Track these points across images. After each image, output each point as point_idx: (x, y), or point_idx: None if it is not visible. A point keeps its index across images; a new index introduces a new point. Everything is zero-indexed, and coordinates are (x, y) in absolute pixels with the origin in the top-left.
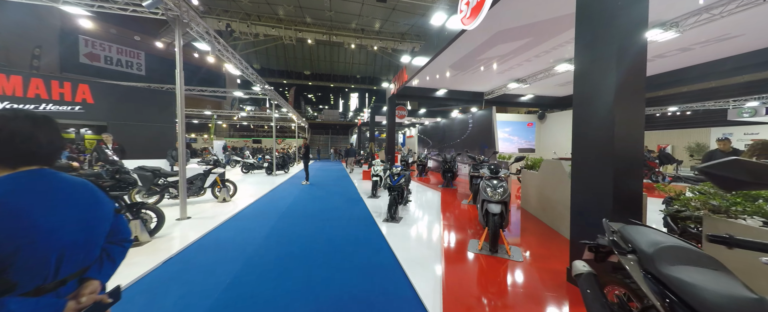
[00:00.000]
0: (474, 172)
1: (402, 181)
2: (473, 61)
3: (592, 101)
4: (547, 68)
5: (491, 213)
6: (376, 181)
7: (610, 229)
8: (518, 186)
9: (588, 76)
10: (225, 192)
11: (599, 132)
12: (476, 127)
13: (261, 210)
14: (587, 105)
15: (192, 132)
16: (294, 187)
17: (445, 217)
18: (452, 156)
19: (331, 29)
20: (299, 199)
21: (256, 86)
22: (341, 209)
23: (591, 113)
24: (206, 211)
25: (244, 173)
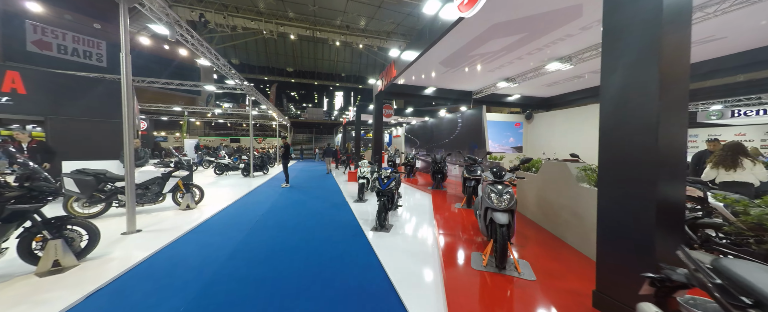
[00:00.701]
0: (468, 174)
1: (392, 185)
2: (465, 57)
3: (627, 97)
4: (537, 67)
5: (498, 224)
6: (362, 183)
7: (696, 264)
8: None
9: (622, 69)
10: (189, 198)
11: (639, 133)
12: (465, 127)
13: (231, 219)
14: (621, 102)
15: (162, 130)
16: (272, 191)
17: (439, 224)
18: (442, 156)
19: (315, 24)
20: (277, 205)
21: (230, 80)
22: (324, 216)
23: (627, 111)
24: (163, 222)
25: (217, 174)
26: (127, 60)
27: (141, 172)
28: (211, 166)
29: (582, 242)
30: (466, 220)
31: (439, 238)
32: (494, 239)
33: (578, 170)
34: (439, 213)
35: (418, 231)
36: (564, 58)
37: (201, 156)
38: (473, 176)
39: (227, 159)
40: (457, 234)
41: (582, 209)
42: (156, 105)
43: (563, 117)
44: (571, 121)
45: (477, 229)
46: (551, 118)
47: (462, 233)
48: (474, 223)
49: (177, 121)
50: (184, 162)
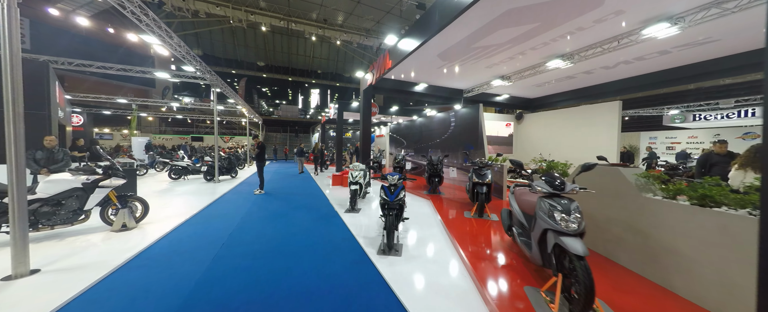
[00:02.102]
0: (479, 178)
1: (402, 195)
2: (466, 49)
3: None
4: (537, 64)
5: (574, 255)
6: (355, 190)
7: None
8: None
9: None
10: (125, 215)
11: None
12: (459, 126)
13: (185, 244)
14: None
15: (106, 126)
16: (243, 199)
17: (460, 243)
18: (439, 158)
19: (290, 15)
20: (250, 219)
21: (188, 66)
22: (313, 233)
23: None
24: (81, 253)
25: (172, 179)
26: (12, 12)
27: (50, 182)
28: (166, 170)
29: (645, 265)
30: (488, 234)
31: (468, 265)
32: (562, 273)
33: (639, 177)
34: (452, 226)
35: (437, 253)
36: (566, 56)
37: (153, 157)
38: (484, 181)
39: (186, 160)
40: (489, 257)
41: (646, 225)
42: (95, 96)
43: (553, 118)
44: (561, 122)
45: (513, 250)
46: (542, 118)
47: (493, 254)
48: (501, 239)
49: (125, 116)
50: (118, 167)
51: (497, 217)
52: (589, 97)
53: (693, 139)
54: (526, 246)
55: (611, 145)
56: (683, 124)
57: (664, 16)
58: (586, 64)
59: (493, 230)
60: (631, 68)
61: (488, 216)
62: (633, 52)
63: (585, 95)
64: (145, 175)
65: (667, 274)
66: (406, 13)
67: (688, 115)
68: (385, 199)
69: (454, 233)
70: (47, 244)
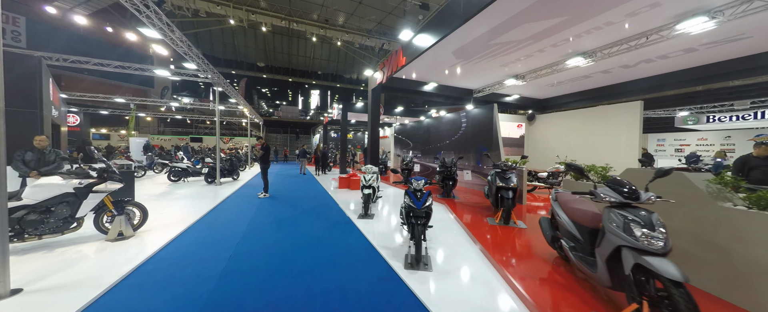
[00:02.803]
0: (503, 182)
1: (430, 203)
2: (483, 46)
3: None
4: (555, 62)
5: (668, 280)
6: (368, 194)
7: None
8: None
9: None
10: (121, 222)
11: None
12: (472, 127)
13: (188, 257)
14: None
15: (103, 126)
16: (247, 203)
17: (493, 254)
18: (453, 160)
19: (291, 15)
20: (257, 226)
21: (190, 63)
22: (328, 243)
23: None
24: (71, 268)
25: (172, 182)
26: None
27: (38, 187)
28: (165, 171)
29: (732, 288)
30: (523, 244)
31: (514, 284)
32: (646, 301)
33: (711, 183)
34: (479, 235)
35: (471, 268)
36: (588, 53)
37: (151, 158)
38: (510, 185)
39: (185, 162)
40: (533, 273)
41: (725, 239)
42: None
43: (568, 118)
44: (577, 123)
45: (559, 265)
46: (555, 119)
47: (537, 270)
48: (540, 251)
49: (123, 116)
50: (114, 170)
51: (524, 224)
52: (603, 98)
53: (703, 141)
54: (586, 263)
55: (631, 147)
56: (696, 126)
57: (701, 9)
58: (605, 63)
59: (526, 240)
60: (652, 67)
61: (515, 223)
62: (658, 50)
63: (599, 95)
64: (143, 176)
65: (755, 296)
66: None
67: (701, 116)
68: (411, 206)
69: (483, 243)
70: (33, 256)
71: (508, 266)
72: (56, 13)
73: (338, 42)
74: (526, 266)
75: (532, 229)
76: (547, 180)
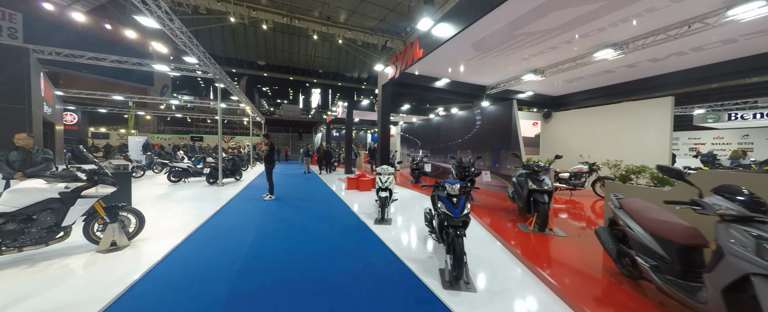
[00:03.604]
0: (536, 185)
1: (468, 210)
2: (506, 37)
3: None
4: (581, 55)
5: None
6: (385, 198)
7: None
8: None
9: None
10: (115, 231)
11: None
12: (487, 125)
13: (190, 273)
14: None
15: (102, 125)
16: (252, 207)
17: (544, 269)
18: (470, 160)
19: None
20: (266, 235)
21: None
22: (346, 254)
23: None
24: (54, 287)
25: (172, 182)
26: None
27: (17, 192)
28: (165, 171)
29: None
30: (570, 257)
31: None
32: None
33: None
34: (518, 245)
35: (522, 288)
36: (619, 45)
37: (151, 157)
38: (544, 188)
39: (186, 162)
40: (601, 298)
41: None
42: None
43: (588, 116)
44: (599, 120)
45: (624, 284)
46: (573, 116)
47: (606, 294)
48: (590, 263)
49: (122, 115)
50: (106, 171)
51: (563, 232)
52: (625, 94)
53: (718, 140)
54: (684, 290)
55: (662, 147)
56: (714, 124)
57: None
58: (634, 56)
59: (573, 251)
60: (684, 60)
61: (552, 230)
62: (695, 41)
63: (620, 91)
64: (142, 177)
65: None
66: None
67: (722, 114)
68: (447, 214)
69: (528, 257)
70: (10, 272)
71: (568, 287)
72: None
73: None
74: (587, 286)
75: (572, 237)
76: (570, 181)
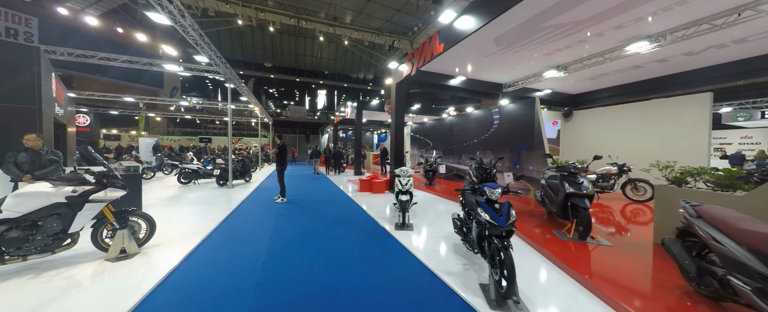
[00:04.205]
0: (574, 188)
1: (513, 218)
2: (533, 30)
3: None
4: (611, 49)
5: None
6: (405, 201)
7: None
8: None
9: None
10: (125, 237)
11: None
12: (506, 124)
13: (205, 286)
14: None
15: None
16: (265, 210)
17: (603, 287)
18: (492, 161)
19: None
20: (281, 241)
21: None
22: (372, 265)
23: None
24: (59, 301)
25: (182, 184)
26: None
27: (21, 196)
28: (175, 173)
29: None
30: (627, 272)
31: None
32: None
33: None
34: (561, 256)
35: (580, 308)
36: (655, 36)
37: (161, 159)
38: (584, 192)
39: (196, 163)
40: None
41: None
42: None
43: (609, 114)
44: (621, 119)
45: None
46: (595, 115)
47: (670, 308)
48: (652, 279)
49: (133, 117)
50: (116, 174)
51: (607, 240)
52: (652, 91)
53: (746, 139)
54: None
55: (700, 146)
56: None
57: None
58: (670, 49)
59: (627, 265)
60: (723, 54)
61: (594, 239)
62: (741, 32)
63: (647, 88)
64: (152, 178)
65: None
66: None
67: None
68: (491, 222)
69: (579, 270)
70: (13, 283)
71: (640, 310)
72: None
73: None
74: (659, 306)
75: (620, 247)
76: (597, 183)
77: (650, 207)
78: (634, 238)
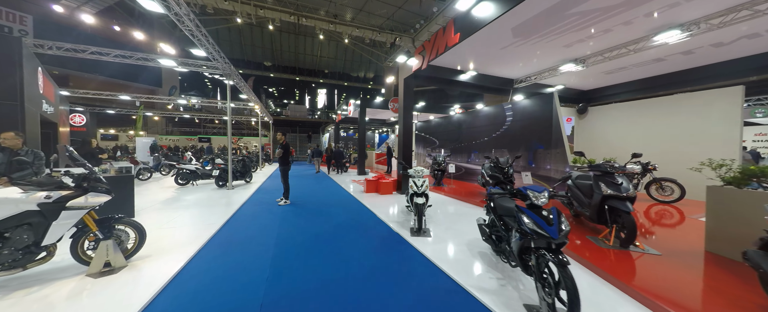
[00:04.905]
0: (612, 189)
1: (565, 227)
2: (557, 17)
3: None
4: (637, 39)
5: None
6: (421, 204)
7: None
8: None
9: None
10: (109, 249)
11: None
12: (521, 121)
13: (201, 307)
14: None
15: (112, 127)
16: (267, 213)
17: (654, 297)
18: (508, 160)
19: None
20: (287, 249)
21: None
22: (393, 280)
23: None
24: None
25: (180, 185)
26: None
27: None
28: (173, 174)
29: None
30: (682, 283)
31: None
32: None
33: None
34: (607, 267)
35: None
36: (686, 25)
37: (158, 159)
38: (622, 194)
39: (194, 164)
40: None
41: None
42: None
43: (627, 110)
44: (640, 115)
45: None
46: (610, 111)
47: None
48: (721, 295)
49: (130, 116)
50: (99, 176)
51: (654, 249)
52: (672, 85)
53: (761, 136)
54: None
55: (731, 142)
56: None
57: None
58: (697, 41)
59: (691, 278)
60: (756, 44)
61: (638, 247)
62: None
63: (667, 83)
64: (149, 179)
65: None
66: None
67: None
68: (540, 233)
69: (634, 285)
70: None
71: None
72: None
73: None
74: None
75: (672, 257)
76: None
77: (678, 208)
78: (680, 245)
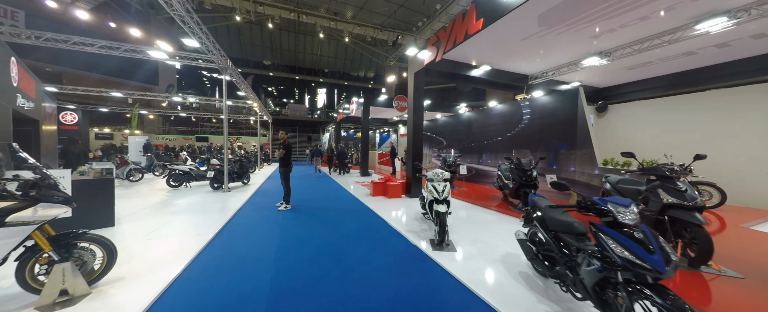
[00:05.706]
0: (674, 196)
1: (673, 257)
2: (589, 3)
3: None
4: (675, 28)
5: None
6: (442, 214)
7: None
8: None
9: None
10: (65, 273)
11: None
12: (540, 119)
13: None
14: None
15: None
16: (266, 221)
17: None
18: (531, 161)
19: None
20: (289, 267)
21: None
22: (413, 308)
23: None
24: None
25: (172, 187)
26: None
27: None
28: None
29: None
30: None
31: None
32: None
33: None
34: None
35: None
36: (733, 12)
37: (151, 159)
38: (690, 203)
39: (189, 164)
40: None
41: None
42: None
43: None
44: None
45: None
46: (632, 109)
47: None
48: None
49: (125, 115)
50: (54, 181)
51: (735, 272)
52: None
53: None
54: None
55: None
56: None
57: None
58: (738, 31)
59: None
60: None
61: (715, 268)
62: None
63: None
64: (140, 180)
65: None
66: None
67: None
68: (638, 263)
69: None
70: None
71: None
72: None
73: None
74: None
75: (756, 279)
76: None
77: (718, 215)
78: (753, 265)
